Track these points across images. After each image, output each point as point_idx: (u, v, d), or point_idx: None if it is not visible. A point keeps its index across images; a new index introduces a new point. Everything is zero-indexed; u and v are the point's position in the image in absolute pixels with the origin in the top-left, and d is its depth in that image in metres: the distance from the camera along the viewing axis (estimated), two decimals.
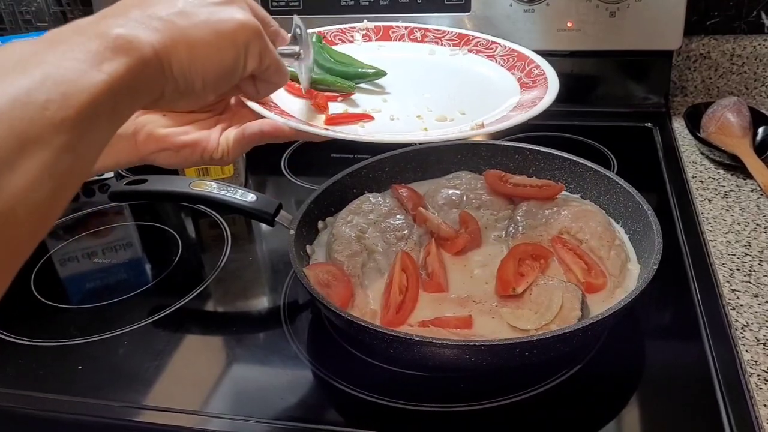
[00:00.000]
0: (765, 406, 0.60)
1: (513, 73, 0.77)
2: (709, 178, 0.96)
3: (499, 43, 0.81)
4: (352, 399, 0.65)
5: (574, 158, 0.86)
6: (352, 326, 0.63)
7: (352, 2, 1.12)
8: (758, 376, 0.63)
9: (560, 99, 1.19)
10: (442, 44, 0.84)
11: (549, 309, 0.65)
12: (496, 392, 0.64)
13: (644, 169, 1.00)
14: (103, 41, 0.38)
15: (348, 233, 0.77)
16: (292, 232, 0.75)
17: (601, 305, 0.68)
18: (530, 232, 0.78)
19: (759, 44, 1.15)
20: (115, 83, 0.38)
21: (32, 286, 0.85)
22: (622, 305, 0.61)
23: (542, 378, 0.65)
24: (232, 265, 0.87)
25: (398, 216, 0.80)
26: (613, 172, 0.84)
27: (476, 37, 0.83)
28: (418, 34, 0.85)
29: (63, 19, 1.32)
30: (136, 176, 0.82)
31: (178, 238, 0.93)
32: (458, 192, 0.85)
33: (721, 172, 0.97)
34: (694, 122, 1.05)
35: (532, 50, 1.12)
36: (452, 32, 0.84)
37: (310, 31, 0.83)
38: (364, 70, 0.75)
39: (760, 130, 1.01)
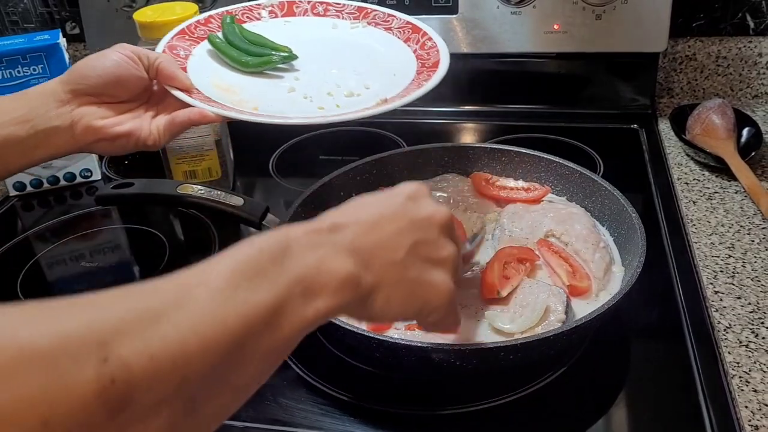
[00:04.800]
0: (746, 407, 0.61)
1: (409, 46, 0.83)
2: (694, 179, 0.97)
3: (395, 16, 0.87)
4: (338, 402, 0.65)
5: (560, 161, 0.86)
6: (338, 330, 0.63)
7: None
8: (740, 377, 0.64)
9: (547, 101, 1.20)
10: (343, 18, 0.89)
11: (534, 312, 0.66)
12: (481, 395, 0.64)
13: (630, 170, 1.01)
14: (333, 277, 0.42)
15: None
16: None
17: (586, 308, 0.68)
18: (516, 234, 0.78)
19: (744, 46, 1.16)
20: (324, 316, 0.42)
21: (19, 290, 0.85)
22: (605, 308, 0.62)
23: (527, 381, 0.65)
24: None
25: None
26: (599, 173, 0.85)
27: (374, 10, 0.88)
28: (320, 8, 0.91)
29: (50, 20, 1.32)
30: (123, 180, 0.82)
31: (165, 240, 0.93)
32: (445, 195, 0.85)
33: (706, 173, 0.98)
34: (679, 124, 1.06)
35: (519, 52, 1.14)
36: (352, 5, 0.91)
37: (220, 10, 0.88)
38: (276, 54, 0.81)
39: (745, 131, 1.01)
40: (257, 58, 0.81)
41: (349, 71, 0.80)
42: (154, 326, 0.32)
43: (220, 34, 0.84)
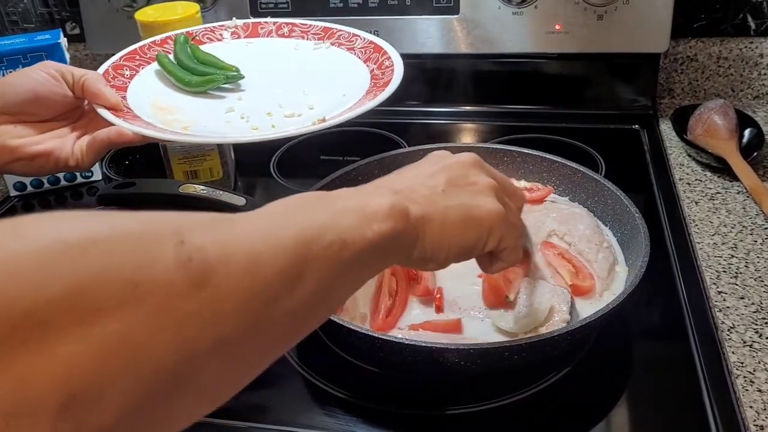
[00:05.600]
0: (751, 407, 0.60)
1: (368, 65, 0.82)
2: (696, 180, 0.96)
3: (359, 36, 0.86)
4: (341, 403, 0.65)
5: (563, 161, 0.86)
6: (341, 330, 0.63)
7: (341, 4, 1.12)
8: (744, 377, 0.64)
9: (548, 101, 1.20)
10: (307, 39, 0.89)
11: (538, 312, 0.66)
12: (485, 395, 0.64)
13: (632, 171, 1.01)
14: (379, 207, 0.44)
15: None
16: None
17: (590, 308, 0.68)
18: None
19: (745, 47, 1.16)
20: (380, 241, 0.43)
21: None
22: (609, 308, 0.62)
23: (531, 381, 0.65)
24: None
25: None
26: (601, 174, 0.85)
27: (339, 31, 0.87)
28: (285, 30, 0.90)
29: (50, 20, 1.32)
30: (125, 179, 0.82)
31: None
32: None
33: (708, 174, 0.98)
34: (681, 124, 1.06)
35: (521, 53, 1.14)
36: (318, 26, 0.90)
37: (180, 31, 0.87)
38: (221, 72, 0.80)
39: (746, 132, 1.02)
40: (201, 77, 0.79)
41: (297, 92, 0.78)
42: (223, 227, 0.35)
43: (171, 55, 0.83)
